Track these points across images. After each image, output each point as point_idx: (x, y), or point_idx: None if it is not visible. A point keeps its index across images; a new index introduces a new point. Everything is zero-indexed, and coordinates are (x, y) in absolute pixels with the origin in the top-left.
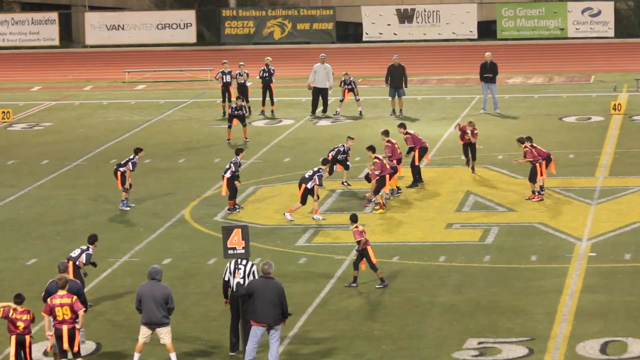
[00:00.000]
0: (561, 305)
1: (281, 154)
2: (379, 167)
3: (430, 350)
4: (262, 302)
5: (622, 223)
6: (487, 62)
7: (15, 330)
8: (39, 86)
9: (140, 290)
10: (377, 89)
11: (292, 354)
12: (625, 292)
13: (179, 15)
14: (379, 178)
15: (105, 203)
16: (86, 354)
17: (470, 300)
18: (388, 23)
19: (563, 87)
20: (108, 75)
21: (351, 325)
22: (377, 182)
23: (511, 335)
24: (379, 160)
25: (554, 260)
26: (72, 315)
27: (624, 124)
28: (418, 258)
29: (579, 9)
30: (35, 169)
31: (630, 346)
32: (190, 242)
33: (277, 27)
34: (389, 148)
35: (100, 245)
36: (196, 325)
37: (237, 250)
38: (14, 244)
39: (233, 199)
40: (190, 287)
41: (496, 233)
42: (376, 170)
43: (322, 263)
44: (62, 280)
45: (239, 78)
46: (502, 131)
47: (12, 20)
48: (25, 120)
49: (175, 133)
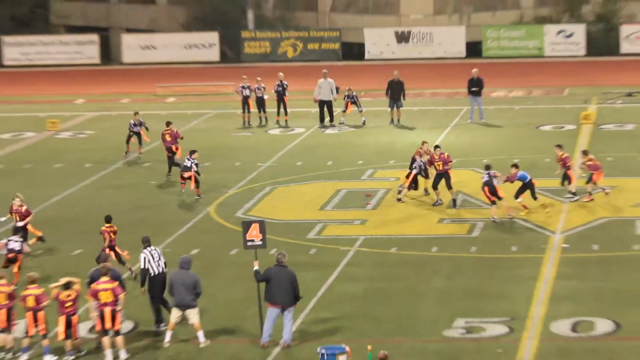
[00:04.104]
0: (537, 290)
1: (294, 159)
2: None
3: (425, 329)
4: (277, 287)
5: (591, 218)
6: (474, 77)
7: (64, 311)
8: (82, 99)
9: (172, 277)
10: (378, 101)
11: (303, 332)
12: (593, 278)
13: (204, 37)
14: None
15: (140, 201)
16: (125, 332)
17: (459, 285)
18: (387, 43)
19: (540, 100)
20: (142, 89)
21: (355, 307)
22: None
23: (494, 315)
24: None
25: (531, 251)
26: (114, 298)
27: (593, 132)
28: (414, 249)
29: (555, 31)
30: (79, 171)
31: (597, 325)
32: (215, 235)
33: (290, 47)
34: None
35: (135, 238)
36: (220, 308)
37: (255, 242)
38: (61, 237)
39: (198, 188)
40: (215, 275)
41: (481, 227)
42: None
43: (330, 253)
44: (104, 268)
45: (257, 92)
46: (488, 138)
47: (59, 41)
48: (71, 129)
49: (201, 140)
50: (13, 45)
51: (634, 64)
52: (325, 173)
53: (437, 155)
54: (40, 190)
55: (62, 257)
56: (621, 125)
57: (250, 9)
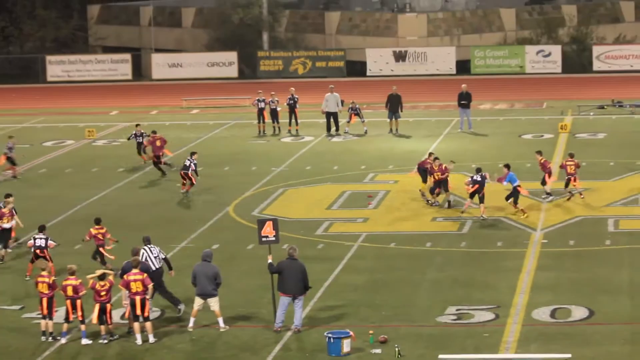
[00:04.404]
0: (520, 280)
1: (303, 164)
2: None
3: (420, 315)
4: (289, 278)
5: (568, 217)
6: (463, 92)
7: (99, 299)
8: (116, 111)
9: (195, 268)
10: (378, 112)
11: (312, 318)
12: (570, 270)
13: (224, 56)
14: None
15: (167, 202)
16: (154, 318)
17: (450, 276)
18: (386, 61)
19: (522, 112)
20: (169, 103)
21: (358, 296)
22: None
23: (482, 303)
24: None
25: (515, 246)
26: (144, 288)
27: (569, 140)
28: (410, 244)
29: (534, 51)
30: (113, 175)
31: (574, 312)
32: (233, 231)
33: (300, 64)
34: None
35: (162, 234)
36: (238, 296)
37: (269, 237)
38: None
39: (192, 185)
40: (234, 267)
41: (470, 225)
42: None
43: (335, 248)
44: (135, 261)
45: (271, 104)
46: (475, 145)
47: (95, 59)
48: (106, 137)
49: (221, 147)
50: (56, 64)
51: (604, 80)
52: (331, 176)
53: (436, 166)
54: (78, 191)
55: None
56: (594, 135)
57: (266, 32)
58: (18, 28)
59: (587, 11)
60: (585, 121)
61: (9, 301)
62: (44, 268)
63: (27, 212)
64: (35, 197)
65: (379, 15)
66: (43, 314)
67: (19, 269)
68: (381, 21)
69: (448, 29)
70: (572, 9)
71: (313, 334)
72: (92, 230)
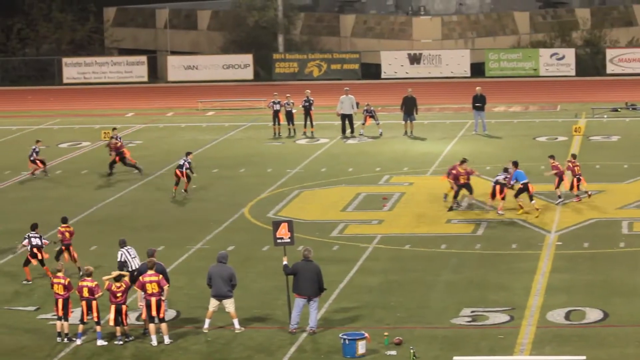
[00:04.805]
0: (535, 282)
1: (318, 166)
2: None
3: (434, 317)
4: (304, 279)
5: (582, 219)
6: (478, 94)
7: (115, 301)
8: (131, 112)
9: (210, 270)
10: (393, 115)
11: (327, 320)
12: (584, 272)
13: (240, 58)
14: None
15: (182, 203)
16: (169, 319)
17: (465, 278)
18: (401, 64)
19: (536, 114)
20: (185, 104)
21: (373, 297)
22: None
23: (496, 305)
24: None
25: (529, 248)
26: (159, 289)
27: (583, 143)
28: (425, 246)
29: (548, 54)
30: (128, 176)
31: (588, 314)
32: (249, 233)
33: (315, 67)
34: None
35: (179, 236)
36: (253, 298)
37: (284, 239)
38: (112, 234)
39: (188, 182)
40: (249, 268)
41: (485, 227)
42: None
43: (350, 250)
44: (151, 262)
45: (287, 106)
46: (490, 148)
47: (112, 62)
48: (122, 139)
49: (237, 149)
50: (72, 66)
51: (618, 83)
52: (346, 178)
53: (462, 169)
54: (94, 192)
55: (114, 252)
56: (607, 137)
57: (281, 34)
58: (34, 30)
59: (600, 14)
60: (599, 124)
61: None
62: (59, 269)
63: (43, 213)
64: (51, 198)
65: (393, 18)
66: (58, 315)
67: (33, 269)
68: (396, 24)
69: (462, 32)
70: (585, 12)
71: (328, 335)
72: (60, 229)
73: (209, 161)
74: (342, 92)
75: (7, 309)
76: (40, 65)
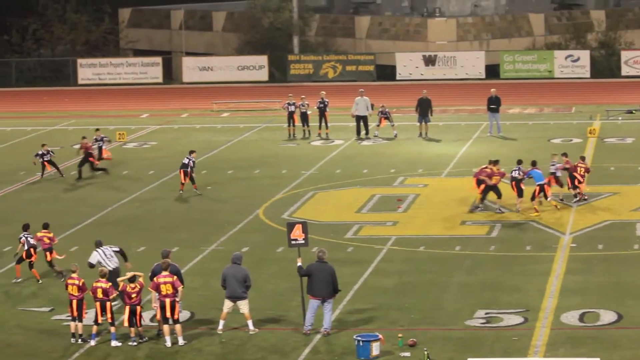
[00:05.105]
0: (549, 284)
1: (333, 167)
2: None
3: (448, 319)
4: (318, 280)
5: (596, 221)
6: (493, 96)
7: (129, 302)
8: (146, 114)
9: (225, 271)
10: (408, 116)
11: (341, 321)
12: (598, 274)
13: (255, 59)
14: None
15: (197, 204)
16: (183, 320)
17: (479, 280)
18: (416, 66)
19: (551, 116)
20: (200, 106)
21: (387, 299)
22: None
23: (510, 307)
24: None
25: (543, 250)
26: (173, 290)
27: (597, 145)
28: (439, 247)
29: (563, 56)
30: (144, 177)
31: (602, 316)
32: (263, 234)
33: (330, 68)
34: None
35: (193, 237)
36: (268, 299)
37: (298, 241)
38: (127, 235)
39: (194, 184)
40: (263, 269)
41: (499, 228)
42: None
43: (365, 251)
44: (165, 264)
45: (302, 108)
46: (504, 150)
47: (127, 62)
48: (136, 140)
49: (252, 150)
50: (86, 67)
51: (632, 85)
52: (361, 180)
53: (496, 169)
54: (109, 193)
55: (128, 253)
56: (622, 139)
57: (296, 35)
58: (49, 31)
59: (615, 16)
60: (614, 126)
61: (38, 303)
62: (74, 270)
63: (57, 214)
64: (66, 199)
65: (408, 19)
66: (73, 316)
67: (48, 270)
68: (411, 25)
69: (477, 34)
70: (600, 14)
71: (342, 336)
72: (37, 234)
73: (224, 162)
74: (357, 93)
75: (22, 310)
76: (55, 66)
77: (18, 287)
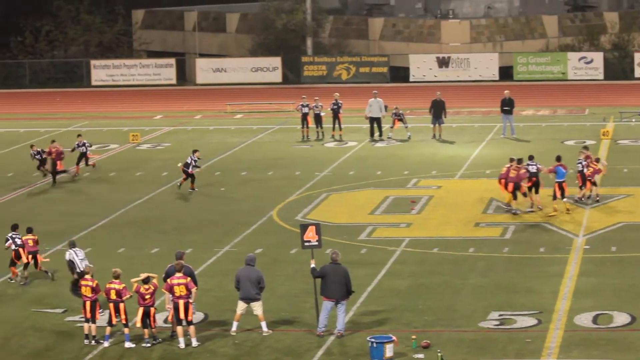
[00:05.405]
0: (562, 286)
1: (347, 169)
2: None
3: (462, 321)
4: (332, 282)
5: (610, 223)
6: (506, 98)
7: (143, 303)
8: (160, 115)
9: (238, 272)
10: (422, 118)
11: (355, 323)
12: (612, 276)
13: (269, 61)
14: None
15: (211, 206)
16: (197, 321)
17: (492, 282)
18: (430, 67)
19: (564, 118)
20: (213, 107)
21: (401, 301)
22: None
23: (524, 309)
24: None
25: (557, 252)
26: (187, 292)
27: (611, 147)
28: (453, 249)
29: (577, 58)
30: (157, 179)
31: (615, 318)
32: (277, 236)
33: (344, 70)
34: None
35: (206, 238)
36: (281, 301)
37: (312, 242)
38: (140, 237)
39: (193, 182)
40: (277, 271)
41: (513, 230)
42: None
43: (378, 253)
44: (179, 265)
45: (315, 109)
46: (518, 151)
47: (140, 64)
48: (150, 141)
49: (265, 152)
50: (100, 68)
51: None
52: (374, 181)
53: (523, 169)
54: (123, 195)
55: (142, 255)
56: (635, 141)
57: (310, 37)
58: (63, 32)
59: (628, 18)
60: (627, 127)
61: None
62: (87, 272)
63: (71, 215)
64: (79, 201)
65: (422, 21)
66: (86, 317)
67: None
68: (424, 27)
69: (491, 35)
70: (613, 16)
71: (356, 338)
72: (23, 238)
73: (238, 164)
74: (371, 95)
75: (35, 311)
76: (69, 68)
77: (31, 288)
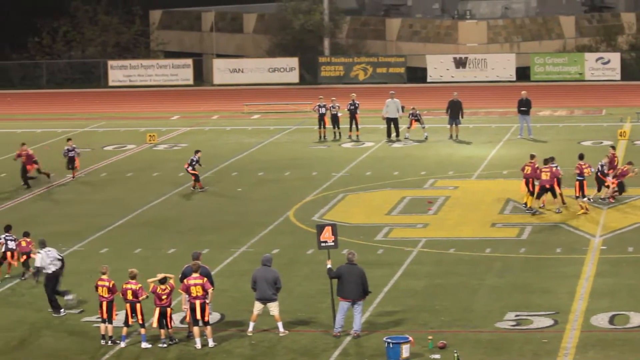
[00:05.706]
0: (579, 286)
1: (364, 169)
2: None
3: (479, 321)
4: (348, 282)
5: (627, 223)
6: (523, 98)
7: (160, 303)
8: (177, 115)
9: (255, 273)
10: (438, 118)
11: (371, 323)
12: (628, 276)
13: (286, 61)
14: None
15: (227, 206)
16: (213, 322)
17: (509, 282)
18: (447, 68)
19: (581, 118)
20: (230, 107)
21: (417, 301)
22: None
23: (540, 309)
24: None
25: (574, 252)
26: (203, 292)
27: (628, 147)
28: (469, 250)
29: (594, 58)
30: (174, 179)
31: (632, 318)
32: (293, 236)
33: (361, 70)
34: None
35: (223, 239)
36: (298, 301)
37: (328, 243)
38: (157, 237)
39: (199, 181)
40: (293, 271)
41: (529, 231)
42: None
43: (395, 253)
44: (195, 265)
45: (332, 110)
46: (535, 151)
47: (157, 64)
48: (167, 142)
49: (282, 152)
50: (117, 69)
51: None
52: (391, 182)
53: (548, 167)
54: (139, 195)
55: (159, 255)
56: None
57: (327, 37)
58: (80, 33)
59: None
60: None
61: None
62: (104, 272)
63: (87, 215)
64: (96, 201)
65: (439, 22)
66: (103, 317)
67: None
68: (441, 28)
69: (508, 36)
70: (631, 16)
71: (372, 339)
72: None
73: (255, 164)
74: (388, 95)
75: (51, 312)
76: (86, 68)
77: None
